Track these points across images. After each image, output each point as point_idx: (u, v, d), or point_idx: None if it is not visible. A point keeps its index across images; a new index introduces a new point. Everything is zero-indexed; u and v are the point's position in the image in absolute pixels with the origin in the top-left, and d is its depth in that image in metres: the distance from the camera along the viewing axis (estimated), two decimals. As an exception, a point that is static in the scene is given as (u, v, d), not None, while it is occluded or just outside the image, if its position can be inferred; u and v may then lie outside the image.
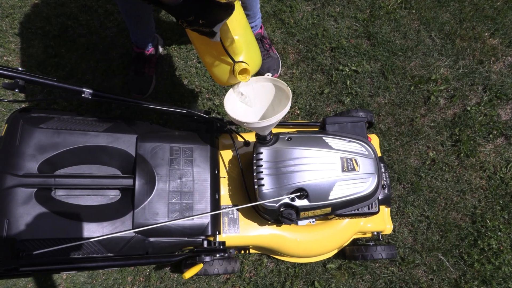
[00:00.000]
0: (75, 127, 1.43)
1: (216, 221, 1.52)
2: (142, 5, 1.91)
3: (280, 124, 1.83)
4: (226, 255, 1.60)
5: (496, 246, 2.05)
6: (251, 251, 1.86)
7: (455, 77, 2.37)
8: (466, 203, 2.15)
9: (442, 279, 2.04)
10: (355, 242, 2.04)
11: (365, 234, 1.91)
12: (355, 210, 1.53)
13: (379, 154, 1.76)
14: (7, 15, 2.42)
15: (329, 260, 2.04)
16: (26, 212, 1.25)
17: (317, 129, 1.74)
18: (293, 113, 2.30)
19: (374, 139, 1.95)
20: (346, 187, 1.42)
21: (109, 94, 1.39)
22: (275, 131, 1.51)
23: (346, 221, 1.77)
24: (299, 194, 1.39)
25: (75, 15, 2.43)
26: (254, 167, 1.46)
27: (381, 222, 1.83)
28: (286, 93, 1.35)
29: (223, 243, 1.53)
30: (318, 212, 1.47)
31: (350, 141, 1.50)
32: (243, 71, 1.35)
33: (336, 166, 1.42)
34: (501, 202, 2.14)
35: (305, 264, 2.03)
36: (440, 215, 2.13)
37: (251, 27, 2.22)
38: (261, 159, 1.44)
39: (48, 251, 1.21)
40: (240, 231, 1.62)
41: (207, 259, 1.49)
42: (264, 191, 1.41)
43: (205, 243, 1.49)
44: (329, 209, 1.47)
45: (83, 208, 1.38)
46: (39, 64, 2.33)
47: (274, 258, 2.01)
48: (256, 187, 1.43)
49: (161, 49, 2.39)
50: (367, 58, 2.40)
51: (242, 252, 1.84)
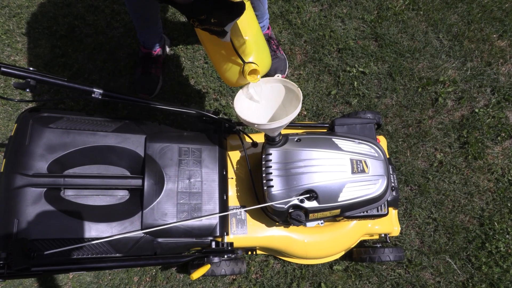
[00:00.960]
0: (84, 127, 1.43)
1: (224, 222, 1.51)
2: (150, 5, 1.91)
3: (289, 125, 1.82)
4: (234, 256, 1.60)
5: (504, 249, 2.04)
6: (258, 252, 1.86)
7: (463, 79, 2.35)
8: (473, 205, 2.14)
9: (449, 281, 2.03)
10: (362, 244, 2.03)
11: (373, 236, 1.90)
12: (364, 212, 1.52)
13: (387, 156, 1.75)
14: (14, 15, 2.42)
15: (336, 261, 2.03)
16: (36, 212, 1.25)
17: (326, 130, 1.74)
18: (300, 114, 2.30)
19: (382, 141, 1.94)
20: (356, 189, 1.42)
21: (119, 94, 1.39)
22: (284, 132, 1.50)
23: (354, 222, 1.76)
24: (308, 195, 1.39)
25: (82, 15, 2.43)
26: (263, 168, 1.45)
27: (389, 224, 1.82)
28: (296, 94, 1.35)
29: (231, 244, 1.53)
30: (327, 213, 1.47)
31: (359, 142, 1.50)
32: (253, 71, 1.34)
33: (346, 167, 1.42)
34: (509, 205, 2.12)
35: (312, 265, 2.02)
36: (447, 217, 2.12)
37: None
38: (271, 160, 1.44)
39: (58, 251, 1.20)
40: (248, 232, 1.61)
41: (216, 260, 1.49)
42: (273, 192, 1.40)
43: (213, 244, 1.48)
44: (338, 211, 1.46)
45: (92, 208, 1.38)
46: (46, 64, 2.33)
47: (280, 259, 2.00)
48: (265, 188, 1.43)
49: (168, 50, 2.39)
50: (374, 60, 2.39)
51: (249, 253, 1.83)
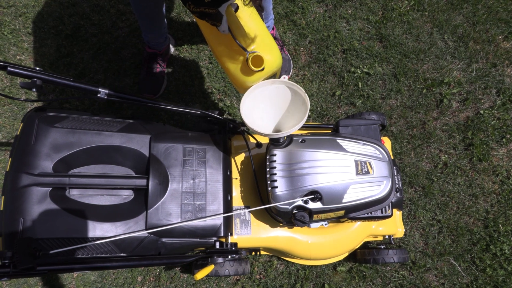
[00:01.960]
0: (90, 126, 1.43)
1: (228, 222, 1.52)
2: (156, 4, 1.92)
3: (293, 126, 1.83)
4: (238, 256, 1.60)
5: (508, 251, 2.03)
6: (262, 252, 1.86)
7: (468, 80, 2.35)
8: (478, 207, 2.13)
9: (453, 284, 2.02)
10: (366, 245, 2.03)
11: (377, 237, 1.90)
12: (368, 214, 1.52)
13: (391, 157, 1.75)
14: (20, 14, 2.43)
15: (339, 262, 2.03)
16: (41, 211, 1.26)
17: (330, 131, 1.74)
18: (304, 115, 2.29)
19: (386, 142, 1.93)
20: (360, 190, 1.41)
21: (124, 94, 1.40)
22: (288, 133, 1.50)
23: (358, 224, 1.76)
24: (312, 196, 1.39)
25: (87, 15, 2.44)
26: (268, 169, 1.45)
27: (393, 225, 1.82)
28: (302, 98, 1.34)
29: (235, 244, 1.53)
30: (331, 215, 1.46)
31: (364, 144, 1.50)
32: (256, 59, 1.29)
33: (351, 169, 1.41)
34: (514, 207, 2.12)
35: (315, 266, 2.02)
36: (452, 219, 2.11)
37: None
38: (275, 161, 1.44)
39: (63, 251, 1.21)
40: (252, 233, 1.61)
41: (220, 260, 1.49)
42: (277, 193, 1.40)
43: (217, 244, 1.48)
44: (342, 212, 1.46)
45: (96, 207, 1.39)
46: (51, 63, 2.34)
47: (284, 260, 2.00)
48: (269, 189, 1.43)
49: (172, 49, 2.39)
50: (379, 60, 2.38)
51: (253, 253, 1.83)
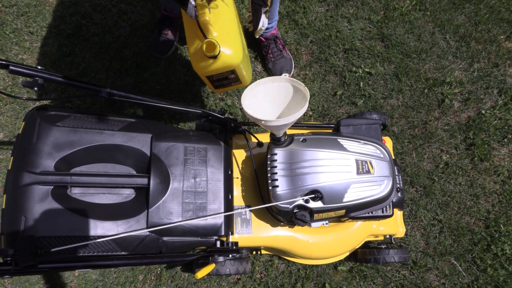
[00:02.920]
0: (91, 125, 1.44)
1: (229, 221, 1.52)
2: None
3: (295, 126, 1.83)
4: (238, 255, 1.60)
5: (509, 251, 2.03)
6: (263, 252, 1.86)
7: (470, 80, 2.34)
8: (479, 207, 2.13)
9: (454, 283, 2.02)
10: (367, 244, 2.03)
11: (377, 237, 1.90)
12: (369, 213, 1.52)
13: (392, 157, 1.75)
14: (22, 14, 2.44)
15: (340, 262, 2.03)
16: (43, 210, 1.26)
17: (331, 130, 1.74)
18: (306, 114, 2.30)
19: (388, 142, 1.93)
20: (361, 190, 1.42)
21: (126, 94, 1.40)
22: (289, 132, 1.51)
23: (359, 223, 1.76)
24: (313, 196, 1.39)
25: (89, 14, 2.45)
26: (269, 168, 1.46)
27: (394, 225, 1.82)
28: (303, 93, 1.34)
29: (236, 243, 1.53)
30: (332, 214, 1.47)
31: (365, 143, 1.50)
32: (210, 44, 1.35)
33: (351, 168, 1.42)
34: (515, 207, 2.11)
35: (316, 265, 2.02)
36: (453, 219, 2.11)
37: (267, 28, 2.23)
38: (276, 160, 1.44)
39: (64, 249, 1.21)
40: (253, 232, 1.61)
41: (220, 259, 1.49)
42: (278, 192, 1.40)
43: (218, 243, 1.49)
44: (343, 212, 1.46)
45: (98, 206, 1.39)
46: (53, 62, 2.34)
47: (285, 259, 2.00)
48: (270, 188, 1.43)
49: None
50: (380, 60, 2.38)
51: (254, 252, 1.84)
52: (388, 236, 1.86)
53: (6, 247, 1.20)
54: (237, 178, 1.67)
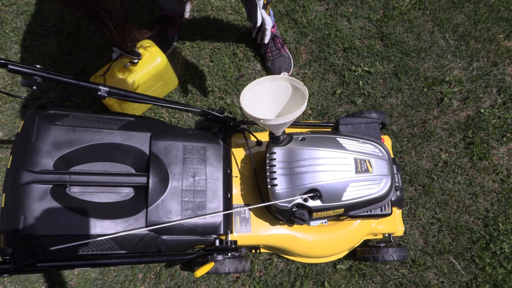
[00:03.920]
0: (90, 124, 1.43)
1: (228, 220, 1.52)
2: None
3: (293, 125, 1.83)
4: (237, 254, 1.60)
5: (508, 250, 2.03)
6: (262, 250, 1.86)
7: (469, 79, 2.34)
8: (478, 206, 2.13)
9: (453, 282, 2.03)
10: (365, 243, 2.03)
11: (376, 235, 1.91)
12: (367, 212, 1.52)
13: (391, 156, 1.75)
14: (22, 13, 2.44)
15: (339, 261, 2.04)
16: (42, 208, 1.26)
17: (330, 129, 1.74)
18: (305, 113, 2.30)
19: (387, 141, 1.94)
20: (360, 189, 1.42)
21: (125, 92, 1.40)
22: (288, 131, 1.51)
23: (358, 222, 1.76)
24: (312, 194, 1.39)
25: (89, 13, 2.44)
26: (267, 167, 1.46)
27: (393, 223, 1.82)
28: (302, 92, 1.34)
29: (235, 242, 1.53)
30: (331, 213, 1.47)
31: (363, 142, 1.50)
32: None
33: (350, 167, 1.42)
34: (514, 206, 2.12)
35: (315, 264, 2.03)
36: (452, 217, 2.11)
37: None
38: (275, 159, 1.44)
39: (63, 247, 1.22)
40: (252, 231, 1.62)
41: (219, 258, 1.50)
42: (277, 191, 1.41)
43: (217, 242, 1.49)
44: (342, 210, 1.46)
45: (97, 205, 1.39)
46: (53, 61, 2.35)
47: (284, 257, 2.01)
48: (269, 187, 1.43)
49: (187, 14, 2.44)
50: (380, 59, 2.38)
51: (253, 251, 1.84)
52: (387, 235, 1.86)
53: (5, 246, 1.20)
54: (236, 177, 1.67)
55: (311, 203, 1.40)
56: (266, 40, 1.67)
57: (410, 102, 2.30)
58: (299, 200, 1.40)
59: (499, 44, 2.41)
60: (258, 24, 1.61)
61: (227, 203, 1.52)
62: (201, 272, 1.46)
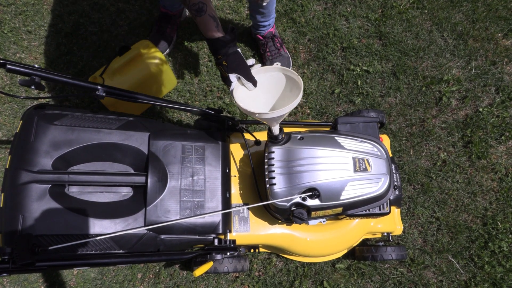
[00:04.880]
0: (89, 124, 1.44)
1: (227, 219, 1.52)
2: None
3: (292, 124, 1.83)
4: (236, 253, 1.60)
5: (507, 248, 2.03)
6: (261, 249, 1.87)
7: (467, 78, 2.35)
8: (477, 205, 2.13)
9: (451, 281, 2.03)
10: (364, 242, 2.03)
11: (375, 234, 1.91)
12: (366, 211, 1.52)
13: (390, 155, 1.75)
14: (20, 13, 2.44)
15: (338, 260, 2.04)
16: (41, 208, 1.27)
17: (329, 129, 1.74)
18: (304, 113, 2.30)
19: (385, 140, 1.94)
20: (358, 188, 1.42)
21: (123, 91, 1.40)
22: (286, 130, 1.51)
23: (356, 221, 1.77)
24: (310, 193, 1.39)
25: (87, 13, 2.45)
26: (266, 166, 1.46)
27: (391, 222, 1.82)
28: (297, 83, 1.33)
29: (233, 241, 1.53)
30: (329, 212, 1.47)
31: (362, 141, 1.50)
32: None
33: (348, 166, 1.42)
34: (512, 205, 2.12)
35: (314, 263, 2.03)
36: (450, 216, 2.12)
37: (264, 26, 2.24)
38: (273, 158, 1.45)
39: (62, 247, 1.22)
40: (251, 230, 1.62)
41: (218, 257, 1.50)
42: (275, 190, 1.41)
43: (216, 241, 1.49)
44: (340, 209, 1.47)
45: (96, 204, 1.39)
46: (51, 61, 2.35)
47: (283, 257, 2.01)
48: (267, 186, 1.44)
49: (187, 13, 2.44)
50: (378, 58, 2.39)
51: (252, 250, 1.84)
52: (385, 234, 1.86)
53: (4, 246, 1.20)
54: (235, 176, 1.67)
55: (309, 202, 1.40)
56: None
57: (409, 101, 2.31)
58: (297, 199, 1.40)
59: (497, 43, 2.41)
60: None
61: (226, 202, 1.53)
62: (200, 271, 1.46)
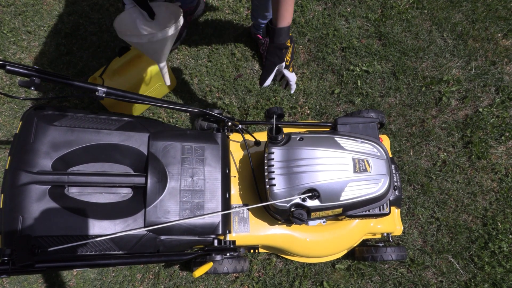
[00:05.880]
0: (88, 125, 1.43)
1: (226, 220, 1.52)
2: None
3: (291, 124, 1.83)
4: (236, 254, 1.60)
5: (507, 249, 2.03)
6: (261, 250, 1.86)
7: (467, 78, 2.35)
8: (477, 205, 2.13)
9: (451, 281, 2.03)
10: (364, 243, 2.03)
11: (375, 235, 1.91)
12: (366, 211, 1.52)
13: (390, 155, 1.75)
14: (19, 13, 2.44)
15: (338, 260, 2.04)
16: (40, 209, 1.26)
17: (328, 129, 1.74)
18: (303, 113, 2.30)
19: (385, 140, 1.94)
20: (358, 188, 1.42)
21: (123, 92, 1.40)
22: (286, 131, 1.51)
23: (356, 221, 1.76)
24: (310, 194, 1.39)
25: (86, 13, 2.44)
26: (266, 167, 1.46)
27: (391, 223, 1.82)
28: (176, 12, 1.49)
29: (233, 242, 1.53)
30: (329, 212, 1.47)
31: (362, 142, 1.50)
32: None
33: (348, 167, 1.42)
34: (512, 205, 2.12)
35: (314, 264, 2.03)
36: (450, 217, 2.12)
37: (262, 29, 2.24)
38: (273, 159, 1.44)
39: (62, 248, 1.22)
40: (250, 231, 1.62)
41: (218, 258, 1.50)
42: (275, 191, 1.41)
43: (215, 242, 1.49)
44: (340, 210, 1.46)
45: (95, 205, 1.39)
46: (51, 61, 2.34)
47: (283, 257, 2.01)
48: (267, 186, 1.43)
49: (201, 10, 2.46)
50: (378, 58, 2.39)
51: (252, 251, 1.84)
52: (385, 234, 1.86)
53: (3, 247, 1.20)
54: (235, 176, 1.67)
55: (309, 203, 1.40)
56: (292, 91, 1.65)
57: (409, 102, 2.30)
58: (297, 200, 1.40)
59: (497, 43, 2.41)
60: (265, 85, 1.54)
61: (226, 203, 1.52)
62: (199, 272, 1.46)
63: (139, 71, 1.96)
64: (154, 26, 1.68)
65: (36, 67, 1.23)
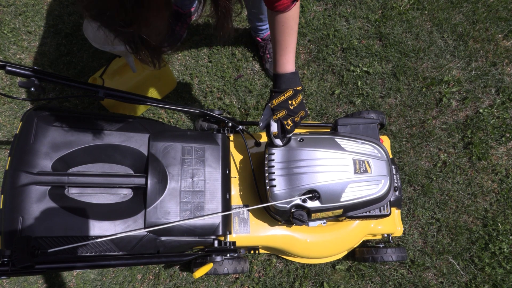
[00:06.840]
0: (89, 125, 1.43)
1: (227, 221, 1.52)
2: None
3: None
4: (236, 255, 1.60)
5: (507, 250, 2.03)
6: (261, 251, 1.86)
7: (468, 79, 2.35)
8: (477, 206, 2.13)
9: (452, 282, 2.03)
10: (364, 243, 2.03)
11: (375, 236, 1.90)
12: (366, 212, 1.52)
13: (390, 156, 1.75)
14: (20, 13, 2.44)
15: (338, 261, 2.03)
16: (40, 210, 1.26)
17: (329, 130, 1.74)
18: (304, 114, 2.30)
19: (385, 141, 1.93)
20: (358, 189, 1.41)
21: (123, 93, 1.40)
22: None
23: (357, 222, 1.76)
24: (311, 195, 1.39)
25: (87, 14, 2.44)
26: (266, 168, 1.46)
27: (392, 224, 1.82)
28: None
29: (233, 243, 1.53)
30: (330, 213, 1.47)
31: (362, 142, 1.50)
32: None
33: (349, 168, 1.41)
34: (513, 206, 2.12)
35: (314, 265, 2.03)
36: (451, 218, 2.11)
37: (262, 29, 2.23)
38: (273, 159, 1.44)
39: (62, 249, 1.21)
40: (251, 231, 1.61)
41: (218, 259, 1.49)
42: (275, 192, 1.40)
43: (216, 243, 1.49)
44: (340, 211, 1.46)
45: (95, 206, 1.39)
46: (51, 62, 2.34)
47: (283, 258, 2.00)
48: (267, 187, 1.43)
49: (200, 13, 2.45)
50: (378, 59, 2.38)
51: (252, 252, 1.84)
52: (386, 235, 1.86)
53: (3, 248, 1.20)
54: (235, 177, 1.67)
55: (309, 204, 1.40)
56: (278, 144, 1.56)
57: (409, 102, 2.30)
58: (297, 201, 1.40)
59: (497, 44, 2.41)
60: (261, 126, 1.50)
61: (226, 204, 1.52)
62: (200, 273, 1.46)
63: (139, 72, 1.96)
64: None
65: (36, 67, 1.23)
